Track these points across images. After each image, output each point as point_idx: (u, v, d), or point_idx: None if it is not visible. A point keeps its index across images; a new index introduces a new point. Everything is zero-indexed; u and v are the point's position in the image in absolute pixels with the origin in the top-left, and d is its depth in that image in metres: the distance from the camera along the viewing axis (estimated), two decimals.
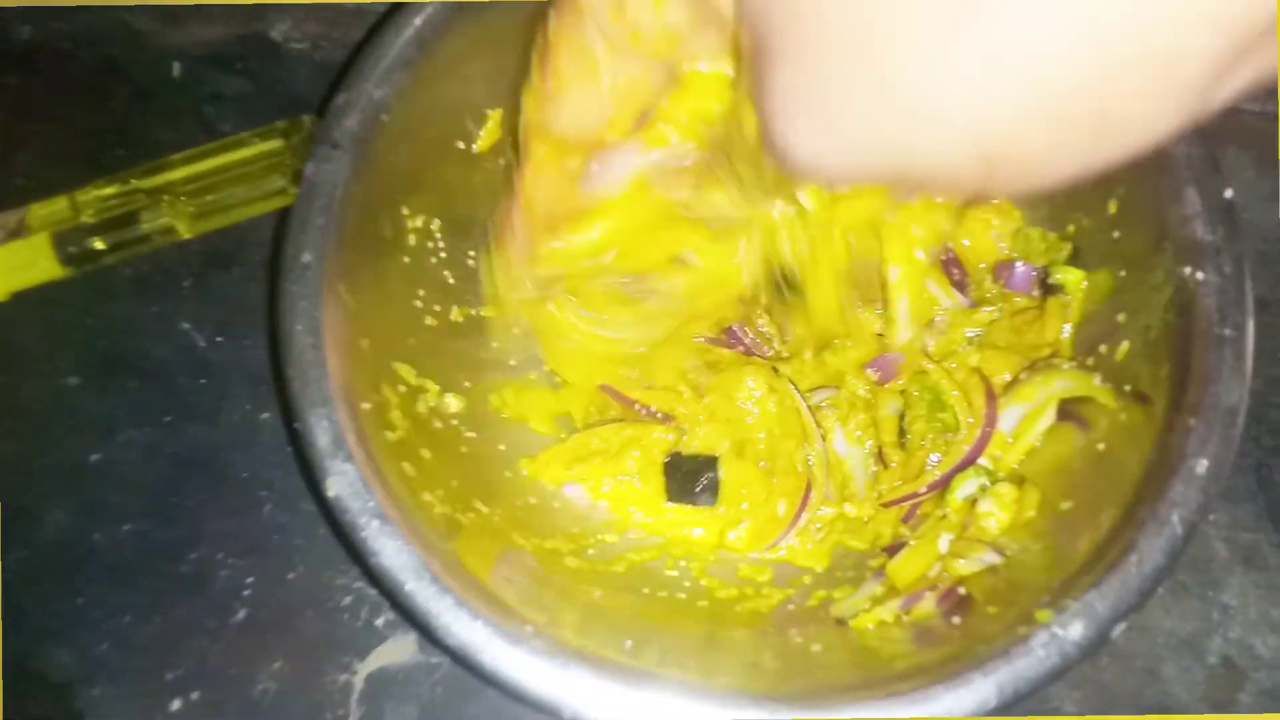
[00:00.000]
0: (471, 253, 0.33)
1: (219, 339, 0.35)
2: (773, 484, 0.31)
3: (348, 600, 0.32)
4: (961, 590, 0.27)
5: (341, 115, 0.28)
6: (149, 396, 0.35)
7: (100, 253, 0.35)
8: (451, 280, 0.32)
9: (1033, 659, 0.23)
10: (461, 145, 0.32)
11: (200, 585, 0.32)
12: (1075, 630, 0.23)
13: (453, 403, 0.31)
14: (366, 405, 0.26)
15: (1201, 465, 0.24)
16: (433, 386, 0.30)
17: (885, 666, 0.25)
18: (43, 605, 0.32)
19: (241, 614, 0.32)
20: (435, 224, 0.31)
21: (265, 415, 0.34)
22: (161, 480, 0.34)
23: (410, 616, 0.24)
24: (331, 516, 0.25)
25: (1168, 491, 0.24)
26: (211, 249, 0.36)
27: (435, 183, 0.31)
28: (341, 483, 0.24)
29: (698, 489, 0.32)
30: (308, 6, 0.39)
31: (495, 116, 0.32)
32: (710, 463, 0.32)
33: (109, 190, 0.35)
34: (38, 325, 0.35)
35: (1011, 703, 0.23)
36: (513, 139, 0.28)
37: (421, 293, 0.31)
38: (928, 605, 0.27)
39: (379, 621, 0.32)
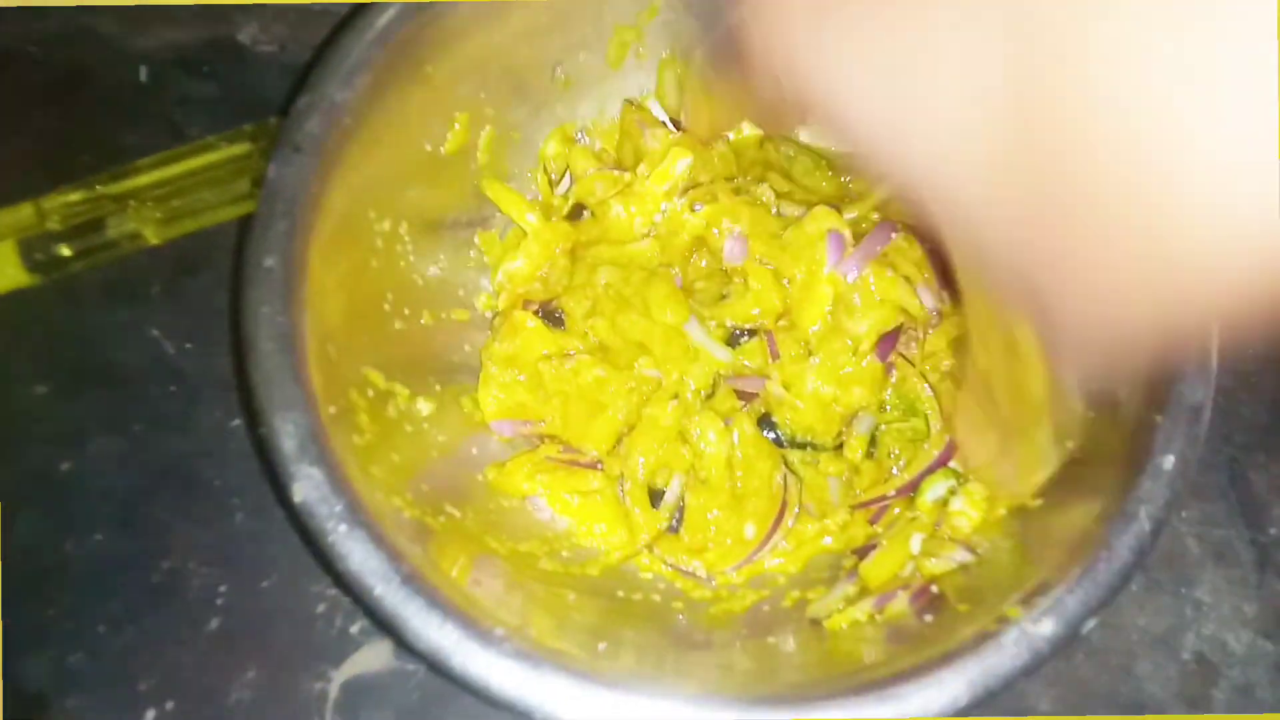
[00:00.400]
0: (441, 256, 0.33)
1: (188, 346, 0.35)
2: (743, 507, 0.31)
3: (321, 608, 0.32)
4: (934, 589, 0.27)
5: (303, 118, 0.27)
6: (118, 404, 0.34)
7: (67, 259, 0.35)
8: (421, 283, 0.32)
9: (1004, 656, 0.23)
10: (429, 148, 0.32)
11: (173, 594, 0.32)
12: (1046, 626, 0.23)
13: (424, 406, 0.31)
14: (333, 409, 0.26)
15: (1169, 461, 0.24)
16: (402, 390, 0.30)
17: (857, 666, 0.26)
18: (14, 616, 0.32)
19: (215, 623, 0.32)
20: (403, 227, 0.31)
21: (235, 423, 0.34)
22: (132, 489, 0.33)
23: (380, 621, 0.24)
24: (299, 522, 0.24)
25: (1135, 488, 0.24)
26: (180, 254, 0.36)
27: (402, 185, 0.31)
28: (308, 487, 0.24)
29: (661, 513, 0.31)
30: (275, 9, 0.39)
31: (462, 119, 0.32)
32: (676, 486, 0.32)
33: (75, 196, 0.35)
34: (5, 333, 0.35)
35: (983, 699, 0.23)
36: None
37: (390, 296, 0.31)
38: (900, 604, 0.27)
39: (353, 629, 0.31)
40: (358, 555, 0.24)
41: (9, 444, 0.34)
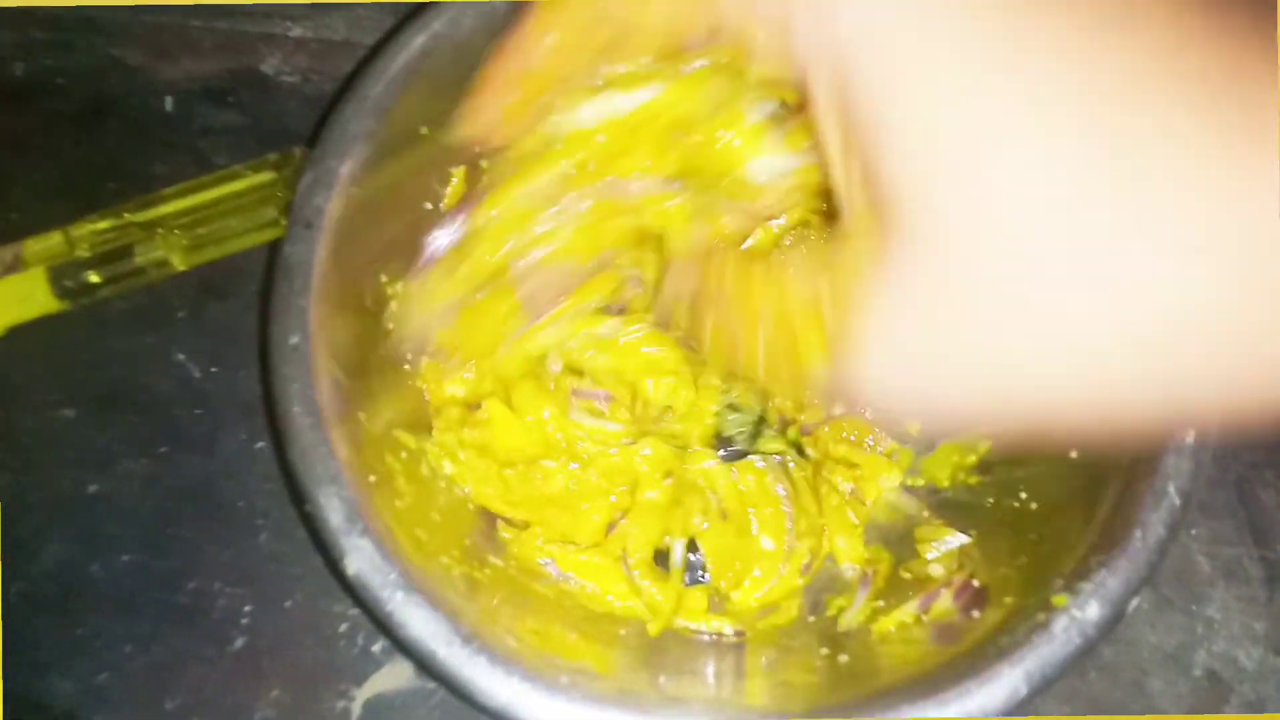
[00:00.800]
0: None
1: (214, 370, 0.36)
2: (751, 527, 0.31)
3: (344, 627, 0.32)
4: (976, 583, 0.28)
5: (310, 194, 0.28)
6: (145, 428, 0.35)
7: (95, 286, 0.36)
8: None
9: (1056, 645, 0.23)
10: (429, 206, 0.32)
11: (198, 614, 0.33)
12: (1093, 610, 0.23)
13: (448, 465, 0.31)
14: (372, 477, 0.26)
15: (1189, 435, 0.25)
16: (432, 449, 0.31)
17: (914, 669, 0.26)
18: (42, 636, 0.33)
19: (239, 642, 0.32)
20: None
21: (260, 445, 0.34)
22: (158, 511, 0.34)
23: (446, 683, 0.24)
24: (354, 594, 0.25)
25: (1161, 465, 0.25)
26: (206, 280, 0.37)
27: (408, 246, 0.31)
28: (359, 559, 0.24)
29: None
30: (296, 40, 0.40)
31: (459, 174, 0.32)
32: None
33: (103, 224, 0.36)
34: (34, 359, 0.36)
35: (1041, 689, 0.23)
36: None
37: (410, 356, 0.31)
38: (945, 602, 0.28)
39: (375, 648, 0.32)
40: (417, 621, 0.24)
41: (38, 467, 0.35)
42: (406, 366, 0.31)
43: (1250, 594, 0.32)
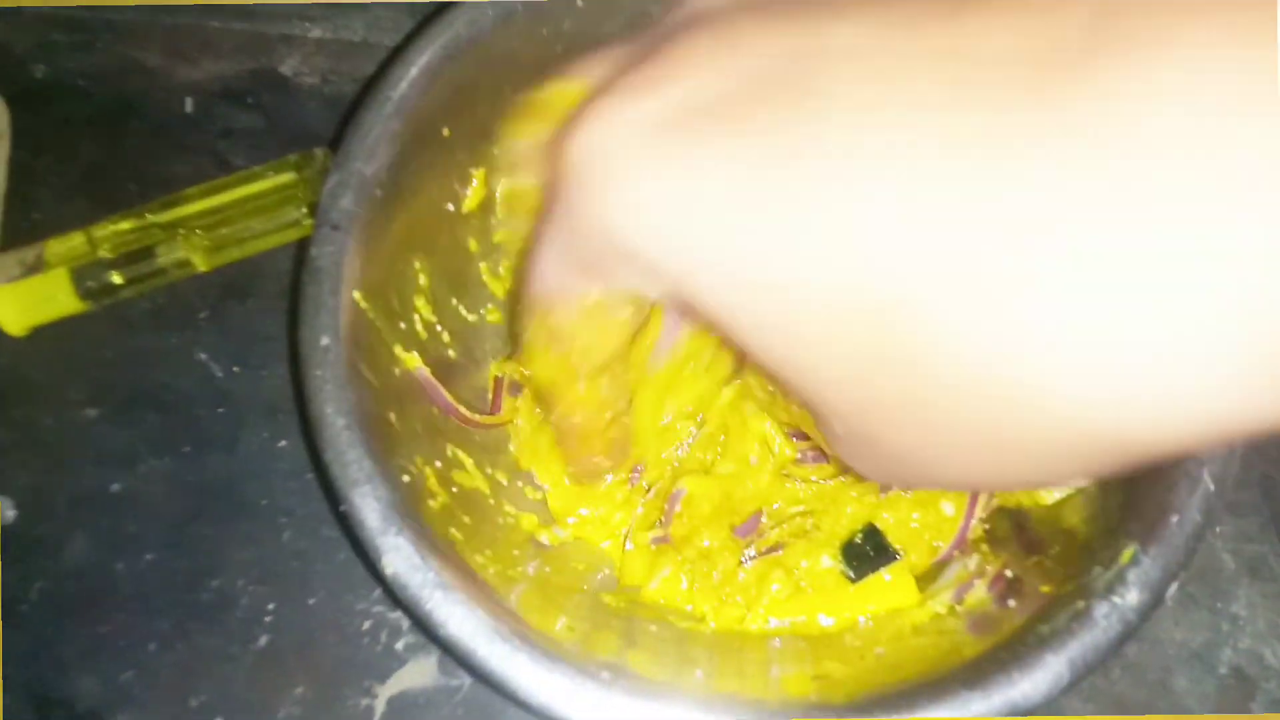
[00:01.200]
0: (465, 311, 0.33)
1: (235, 369, 0.36)
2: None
3: (368, 624, 0.32)
4: (1009, 573, 0.27)
5: (336, 196, 0.28)
6: (168, 427, 0.35)
7: (118, 286, 0.36)
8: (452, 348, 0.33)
9: (1098, 631, 0.23)
10: (451, 208, 0.32)
11: (222, 612, 0.33)
12: (1133, 597, 0.23)
13: (467, 460, 0.31)
14: (406, 478, 0.26)
15: None
16: (463, 456, 0.31)
17: (954, 659, 0.25)
18: (67, 634, 0.33)
19: (263, 640, 0.33)
20: (436, 285, 0.32)
21: (282, 443, 0.34)
22: (182, 509, 0.34)
23: (489, 681, 0.24)
24: (392, 593, 0.25)
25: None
26: (227, 281, 0.37)
27: (431, 248, 0.32)
28: (397, 559, 0.24)
29: (871, 553, 0.30)
30: (316, 41, 0.40)
31: (479, 175, 0.32)
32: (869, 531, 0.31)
33: (125, 225, 0.36)
34: (57, 359, 0.36)
35: (1084, 675, 0.23)
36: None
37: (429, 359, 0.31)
38: (979, 593, 0.28)
39: (399, 645, 0.32)
40: (456, 619, 0.24)
41: (62, 466, 0.35)
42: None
43: (1276, 590, 0.32)
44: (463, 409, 0.31)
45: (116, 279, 0.36)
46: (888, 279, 0.14)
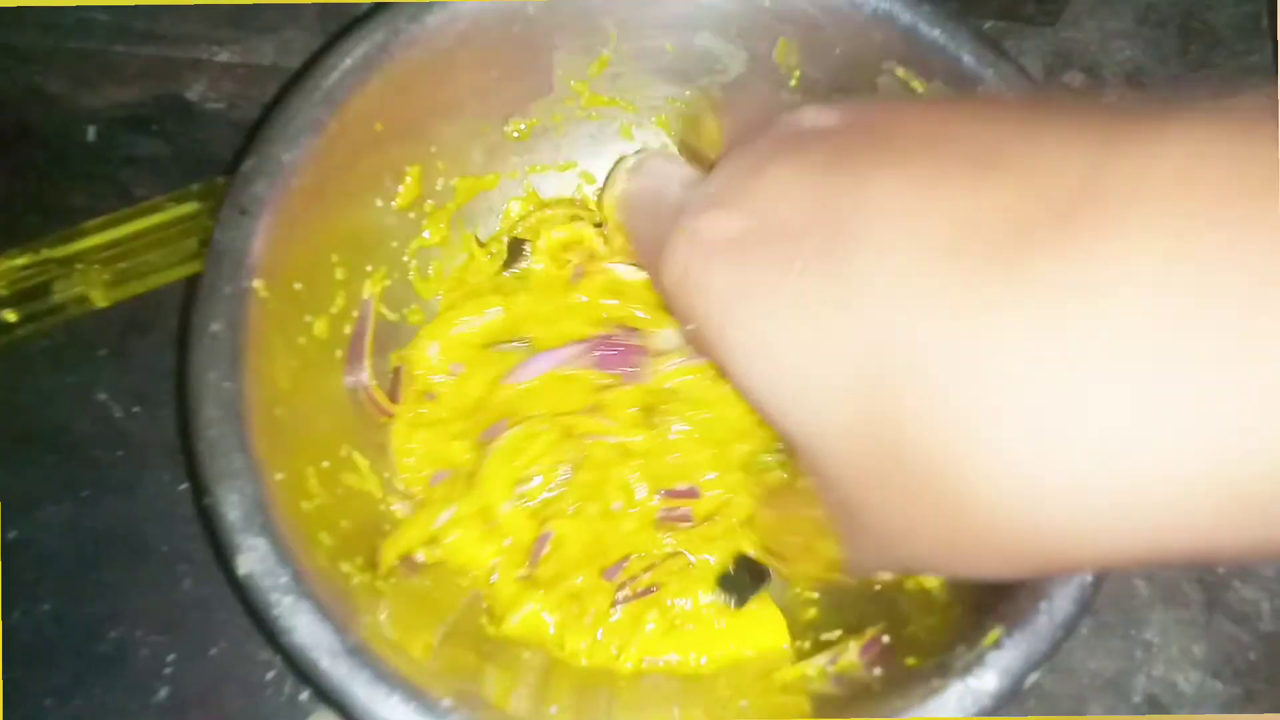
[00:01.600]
0: (386, 310, 0.32)
1: (136, 409, 0.35)
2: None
3: (271, 674, 0.31)
4: (885, 640, 0.27)
5: (249, 180, 0.27)
6: (66, 470, 0.34)
7: (13, 325, 0.34)
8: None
9: (948, 711, 0.23)
10: (380, 203, 0.32)
11: (121, 664, 0.32)
12: (989, 681, 0.23)
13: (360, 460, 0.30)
14: (280, 475, 0.25)
15: None
16: (358, 457, 0.30)
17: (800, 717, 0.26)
18: None
19: (163, 692, 0.31)
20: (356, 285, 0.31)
21: (183, 487, 0.33)
22: (80, 556, 0.33)
23: (326, 696, 0.23)
24: (244, 596, 0.24)
25: None
26: (128, 316, 0.35)
27: (354, 243, 0.31)
28: (253, 559, 0.23)
29: (747, 578, 0.30)
30: (223, 66, 0.39)
31: (414, 172, 0.32)
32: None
33: (21, 261, 0.35)
34: None
35: None
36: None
37: (339, 354, 0.31)
38: (851, 656, 0.27)
39: (302, 696, 0.31)
40: (303, 627, 0.23)
41: None
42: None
43: (1189, 617, 0.32)
44: (378, 396, 0.31)
45: (10, 317, 0.34)
46: (884, 374, 0.18)
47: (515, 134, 0.34)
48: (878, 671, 0.26)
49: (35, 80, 0.39)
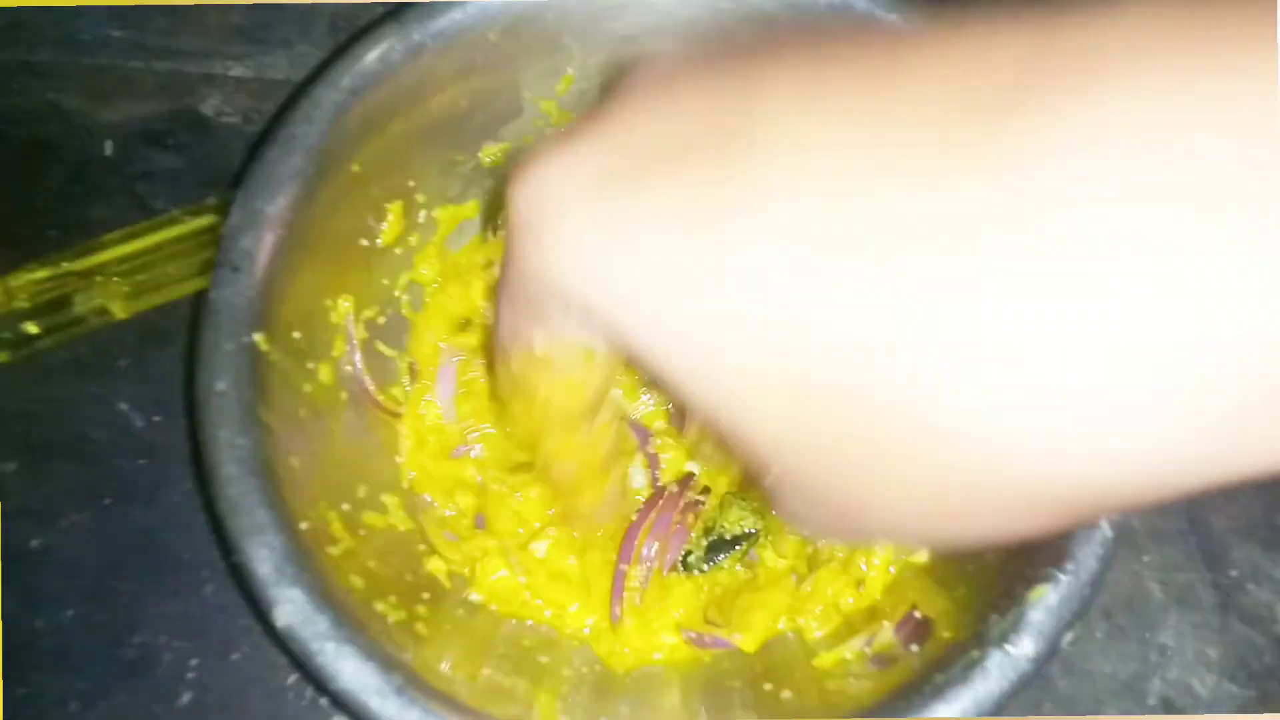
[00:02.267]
0: (385, 347, 0.33)
1: (156, 418, 0.35)
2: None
3: (292, 679, 0.32)
4: (918, 614, 0.27)
5: (237, 236, 0.27)
6: (88, 479, 0.34)
7: (35, 337, 0.35)
8: (370, 383, 0.32)
9: (990, 681, 0.23)
10: (365, 243, 0.32)
11: (144, 669, 0.32)
12: (1027, 646, 0.23)
13: (393, 511, 0.31)
14: (304, 524, 0.26)
15: None
16: (384, 497, 0.30)
17: (854, 705, 0.26)
18: None
19: (186, 697, 0.32)
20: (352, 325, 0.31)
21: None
22: (103, 564, 0.33)
23: None
24: (286, 648, 0.24)
25: None
26: (147, 328, 0.36)
27: (345, 286, 0.31)
28: (289, 611, 0.24)
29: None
30: (237, 80, 0.40)
31: (395, 209, 0.32)
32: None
33: (42, 274, 0.35)
34: None
35: None
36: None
37: (344, 395, 0.31)
38: (886, 635, 0.28)
39: (324, 700, 0.32)
40: (348, 672, 0.23)
41: None
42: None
43: (1203, 620, 0.32)
44: (381, 398, 0.32)
45: (33, 329, 0.35)
46: (811, 329, 0.15)
47: (490, 160, 0.34)
48: (915, 648, 0.27)
49: (52, 96, 0.40)
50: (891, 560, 0.29)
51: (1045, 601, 0.23)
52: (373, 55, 0.29)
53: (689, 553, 0.31)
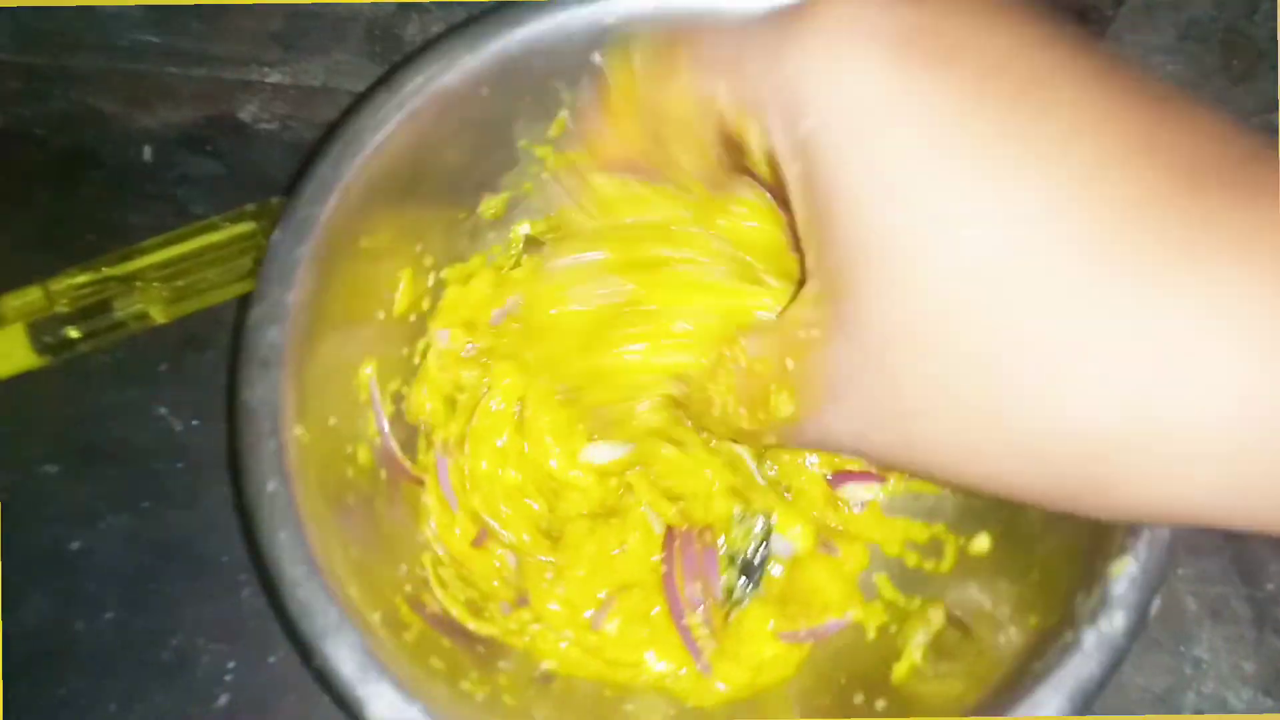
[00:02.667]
0: (408, 417, 0.33)
1: (195, 422, 0.35)
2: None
3: None
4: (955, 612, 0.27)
5: (262, 330, 0.26)
6: (127, 483, 0.35)
7: (75, 341, 0.35)
8: (403, 457, 0.32)
9: (1092, 661, 0.23)
10: (382, 315, 0.31)
11: (182, 672, 0.33)
12: (1119, 621, 0.23)
13: (438, 591, 0.30)
14: (376, 615, 0.25)
15: None
16: (440, 573, 0.30)
17: (958, 705, 0.25)
18: (24, 697, 0.32)
19: (223, 699, 0.32)
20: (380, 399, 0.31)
21: None
22: (141, 567, 0.34)
23: None
24: None
25: None
26: (187, 332, 0.36)
27: (369, 360, 0.31)
28: (382, 706, 0.23)
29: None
30: (275, 87, 0.40)
31: (405, 275, 0.31)
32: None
33: (83, 278, 0.36)
34: (15, 415, 0.36)
35: (1083, 709, 0.23)
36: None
37: (383, 474, 0.30)
38: (938, 621, 0.28)
39: None
40: None
41: (20, 524, 0.34)
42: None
43: (1238, 633, 0.32)
44: (414, 470, 0.31)
45: (74, 333, 0.35)
46: (996, 286, 0.16)
47: (490, 212, 0.33)
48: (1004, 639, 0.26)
49: (91, 102, 0.40)
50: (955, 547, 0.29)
51: (1128, 573, 0.23)
52: (369, 126, 0.28)
53: (729, 591, 0.31)
